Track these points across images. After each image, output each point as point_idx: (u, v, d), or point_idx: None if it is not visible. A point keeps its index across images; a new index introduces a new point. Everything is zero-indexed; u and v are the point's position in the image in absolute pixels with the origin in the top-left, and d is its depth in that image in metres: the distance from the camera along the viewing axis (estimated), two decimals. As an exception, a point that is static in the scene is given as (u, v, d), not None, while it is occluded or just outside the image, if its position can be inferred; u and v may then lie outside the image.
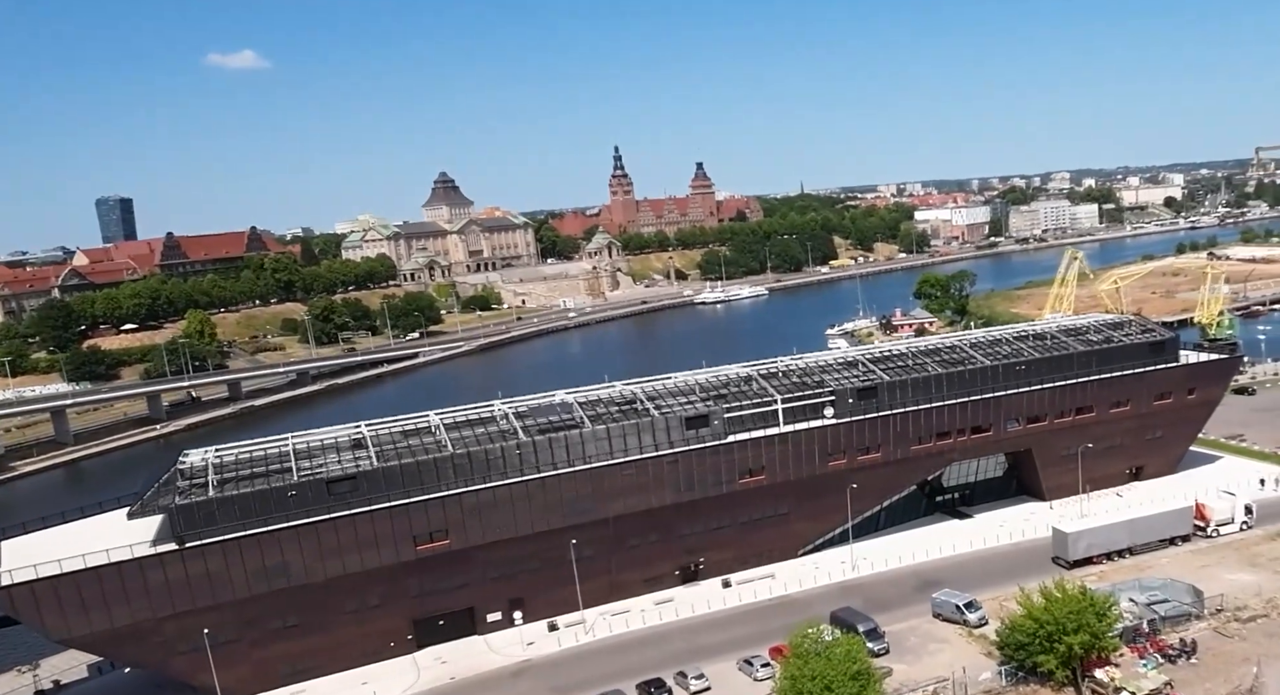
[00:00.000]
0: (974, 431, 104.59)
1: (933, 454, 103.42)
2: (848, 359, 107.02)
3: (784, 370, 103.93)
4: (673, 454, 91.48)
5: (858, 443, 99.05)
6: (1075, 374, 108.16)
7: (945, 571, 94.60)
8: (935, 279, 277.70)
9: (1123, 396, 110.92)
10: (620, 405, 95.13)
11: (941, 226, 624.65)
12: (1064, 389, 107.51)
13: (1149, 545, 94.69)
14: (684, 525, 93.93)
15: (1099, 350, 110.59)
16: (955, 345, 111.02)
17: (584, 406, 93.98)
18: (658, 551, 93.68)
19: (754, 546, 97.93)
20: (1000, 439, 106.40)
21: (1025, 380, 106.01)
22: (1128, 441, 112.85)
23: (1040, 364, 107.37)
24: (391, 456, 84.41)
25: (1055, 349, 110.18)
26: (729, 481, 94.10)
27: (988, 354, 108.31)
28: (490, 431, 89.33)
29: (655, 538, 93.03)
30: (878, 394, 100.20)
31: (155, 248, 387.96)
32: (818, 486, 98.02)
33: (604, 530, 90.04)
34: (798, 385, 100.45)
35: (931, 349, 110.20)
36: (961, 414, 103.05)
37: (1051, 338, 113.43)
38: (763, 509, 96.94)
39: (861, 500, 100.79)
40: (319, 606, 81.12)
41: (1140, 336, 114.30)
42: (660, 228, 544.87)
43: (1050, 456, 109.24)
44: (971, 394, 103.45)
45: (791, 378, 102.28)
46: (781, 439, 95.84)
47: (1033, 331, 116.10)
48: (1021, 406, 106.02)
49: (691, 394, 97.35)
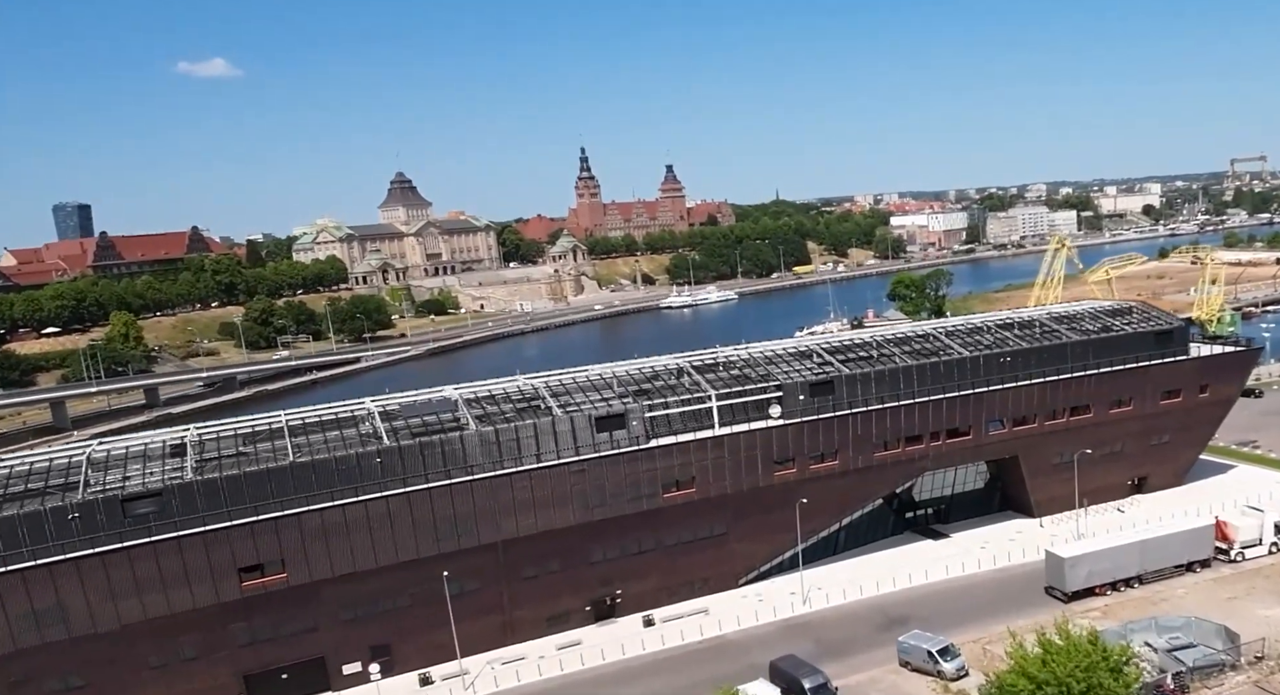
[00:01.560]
0: (950, 435, 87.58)
1: (901, 461, 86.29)
2: (800, 349, 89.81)
3: (724, 361, 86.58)
4: (579, 462, 73.90)
5: (810, 448, 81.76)
6: (1069, 367, 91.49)
7: (916, 605, 77.39)
8: (910, 279, 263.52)
9: (1124, 394, 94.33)
10: (518, 403, 77.44)
11: (918, 232, 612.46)
12: (1056, 385, 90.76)
13: (1162, 572, 77.88)
14: (595, 550, 76.29)
15: (1096, 340, 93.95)
16: (929, 333, 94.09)
17: (471, 405, 76.24)
18: (563, 583, 75.91)
19: (683, 575, 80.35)
20: (981, 444, 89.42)
21: (1011, 375, 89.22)
22: (1130, 447, 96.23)
23: (1028, 355, 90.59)
24: (213, 467, 66.29)
25: (1046, 338, 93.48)
26: (651, 495, 76.55)
27: (966, 343, 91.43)
28: (348, 435, 71.37)
29: (559, 566, 75.30)
30: (834, 389, 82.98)
31: (89, 248, 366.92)
32: (761, 501, 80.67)
33: (491, 558, 72.25)
34: (738, 379, 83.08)
35: (900, 338, 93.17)
36: (935, 414, 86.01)
37: (1041, 326, 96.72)
38: (694, 529, 79.43)
39: (815, 518, 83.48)
40: (112, 661, 62.81)
41: (1144, 325, 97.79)
42: (628, 232, 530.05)
43: (1040, 465, 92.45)
44: (948, 390, 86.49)
45: (731, 370, 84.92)
46: (716, 443, 78.41)
47: (1019, 319, 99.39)
48: (1006, 405, 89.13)
49: (607, 389, 79.75)
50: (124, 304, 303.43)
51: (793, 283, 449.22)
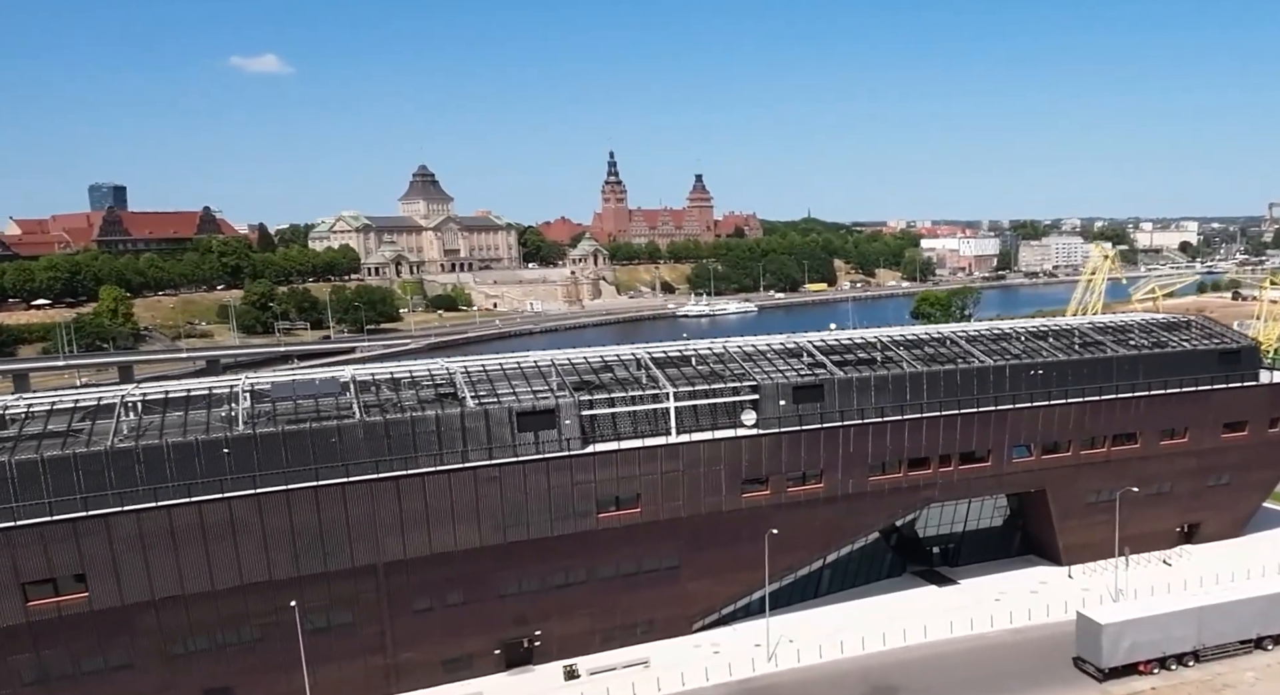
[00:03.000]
0: (965, 460, 71.85)
1: (902, 489, 70.64)
2: (788, 346, 74.32)
3: (693, 355, 71.27)
4: (492, 467, 58.89)
5: (789, 466, 66.34)
6: (1114, 387, 75.42)
7: (910, 671, 61.84)
8: (935, 296, 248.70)
9: (1179, 423, 78.11)
10: (424, 389, 62.64)
11: (948, 256, 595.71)
12: (1097, 407, 74.79)
13: (1225, 648, 61.75)
14: (508, 579, 61.24)
15: (1148, 356, 77.84)
16: (946, 337, 78.34)
17: (365, 389, 61.51)
18: (465, 620, 60.86)
19: (621, 616, 65.08)
20: (1002, 473, 73.55)
21: (1042, 391, 73.45)
22: (1182, 487, 79.95)
23: (1065, 369, 74.70)
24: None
25: (1087, 351, 77.47)
26: (584, 514, 61.40)
27: (991, 351, 75.62)
28: (196, 419, 56.71)
29: (460, 598, 60.31)
30: (824, 396, 67.53)
31: (95, 222, 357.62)
32: (724, 528, 65.37)
33: (370, 584, 57.37)
34: (706, 376, 67.77)
35: (911, 339, 77.51)
36: (948, 433, 70.33)
37: (1081, 336, 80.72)
38: (637, 559, 64.23)
39: (792, 552, 68.05)
40: None
41: (1206, 342, 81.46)
42: (653, 239, 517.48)
43: (1072, 503, 76.45)
44: (964, 405, 70.80)
45: (701, 366, 69.60)
46: (670, 453, 63.17)
47: (1055, 327, 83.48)
48: (1035, 428, 73.28)
49: (540, 379, 64.70)
50: (123, 280, 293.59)
51: (814, 299, 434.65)
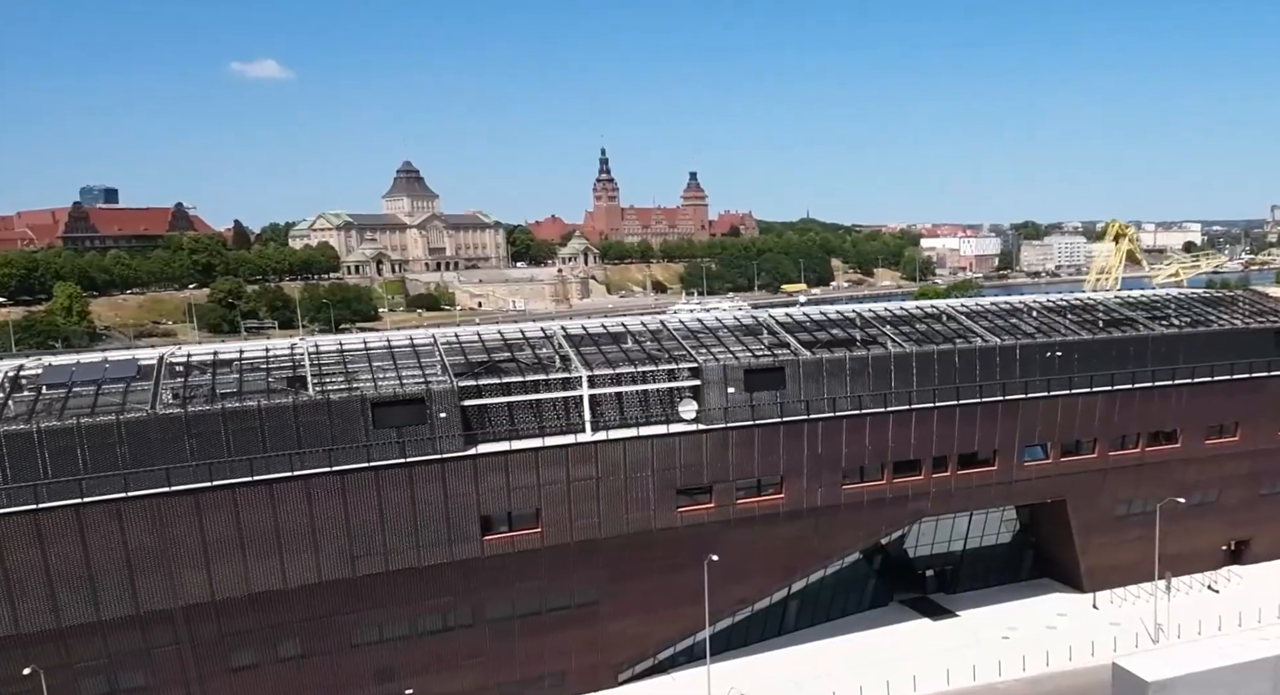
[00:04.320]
0: (964, 463, 57.33)
1: (886, 501, 56.08)
2: (744, 321, 59.81)
3: (622, 332, 56.70)
4: (333, 475, 44.28)
5: (740, 470, 51.81)
6: (1149, 373, 60.81)
7: (891, 739, 47.04)
8: (934, 292, 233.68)
9: (1228, 417, 63.65)
10: (256, 374, 48.11)
11: (949, 255, 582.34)
12: (1128, 398, 60.26)
13: (1307, 710, 46.79)
14: (364, 624, 46.80)
15: (1189, 335, 63.33)
16: (943, 312, 63.82)
17: (177, 372, 46.99)
18: (307, 678, 46.37)
19: (521, 667, 50.50)
20: (1011, 480, 58.98)
21: (1062, 378, 58.80)
22: (1230, 497, 65.45)
23: (1089, 351, 60.16)
24: None
25: (1115, 328, 62.90)
26: (464, 538, 46.91)
27: (998, 328, 61.08)
28: (-74, 407, 42.18)
29: (298, 650, 45.80)
30: (785, 381, 52.97)
31: (61, 218, 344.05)
32: (657, 553, 50.90)
33: (165, 635, 42.85)
34: (635, 356, 53.15)
35: (899, 315, 62.97)
36: (943, 429, 55.80)
37: (1107, 312, 66.22)
38: (540, 594, 49.71)
39: (745, 580, 53.56)
40: None
41: (1258, 319, 66.87)
42: (645, 238, 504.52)
43: (1098, 516, 61.98)
44: (964, 394, 56.27)
45: (629, 343, 55.00)
46: (583, 455, 48.62)
47: (1076, 301, 68.90)
48: (1052, 423, 58.73)
49: (414, 360, 50.17)
50: (87, 278, 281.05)
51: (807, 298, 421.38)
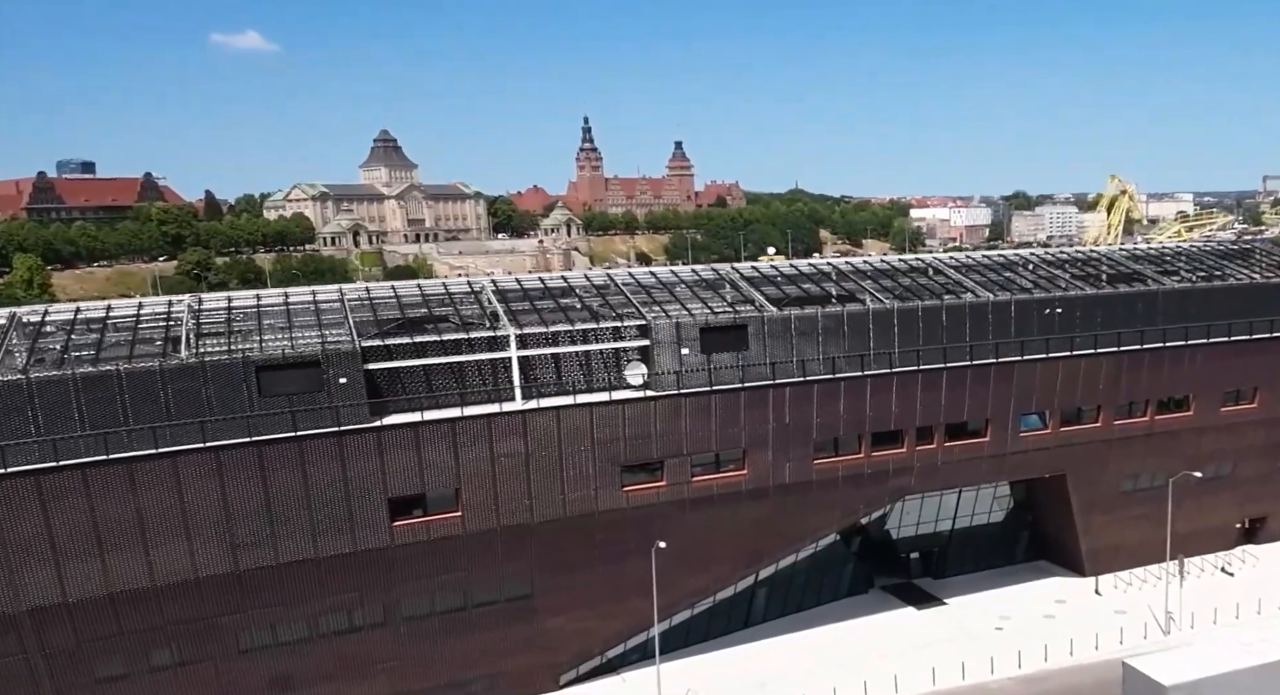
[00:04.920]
0: (953, 434, 50.71)
1: (864, 477, 49.43)
2: (705, 276, 52.84)
3: (562, 287, 49.70)
4: (207, 452, 37.30)
5: (696, 443, 45.06)
6: (1159, 332, 54.13)
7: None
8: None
9: (1246, 381, 57.22)
10: (126, 334, 41.02)
11: (939, 226, 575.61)
12: (1136, 360, 53.62)
13: (1347, 717, 40.42)
14: (253, 626, 40.00)
15: (1204, 290, 56.69)
16: (929, 265, 57.08)
17: (27, 332, 39.89)
18: (186, 688, 39.48)
19: (444, 671, 43.93)
20: (1005, 452, 52.34)
21: (1062, 337, 52.11)
22: (1247, 470, 59.07)
23: (1091, 307, 53.50)
24: None
25: (1121, 283, 56.18)
26: (370, 522, 40.02)
27: (991, 283, 54.30)
28: None
29: (174, 658, 39.08)
30: (748, 341, 46.14)
31: (25, 189, 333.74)
32: (601, 538, 44.14)
33: (10, 643, 35.90)
34: (574, 314, 46.15)
35: (881, 268, 56.15)
36: (929, 395, 49.10)
37: (1112, 265, 59.56)
38: (464, 587, 43.11)
39: (703, 568, 47.00)
40: None
41: (1276, 274, 60.20)
42: (630, 209, 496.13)
43: (1101, 492, 55.51)
44: (952, 356, 49.50)
45: (568, 298, 48.01)
46: (511, 426, 41.75)
47: (1077, 254, 62.24)
48: (1051, 388, 52.07)
49: (311, 316, 43.17)
50: (52, 251, 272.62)
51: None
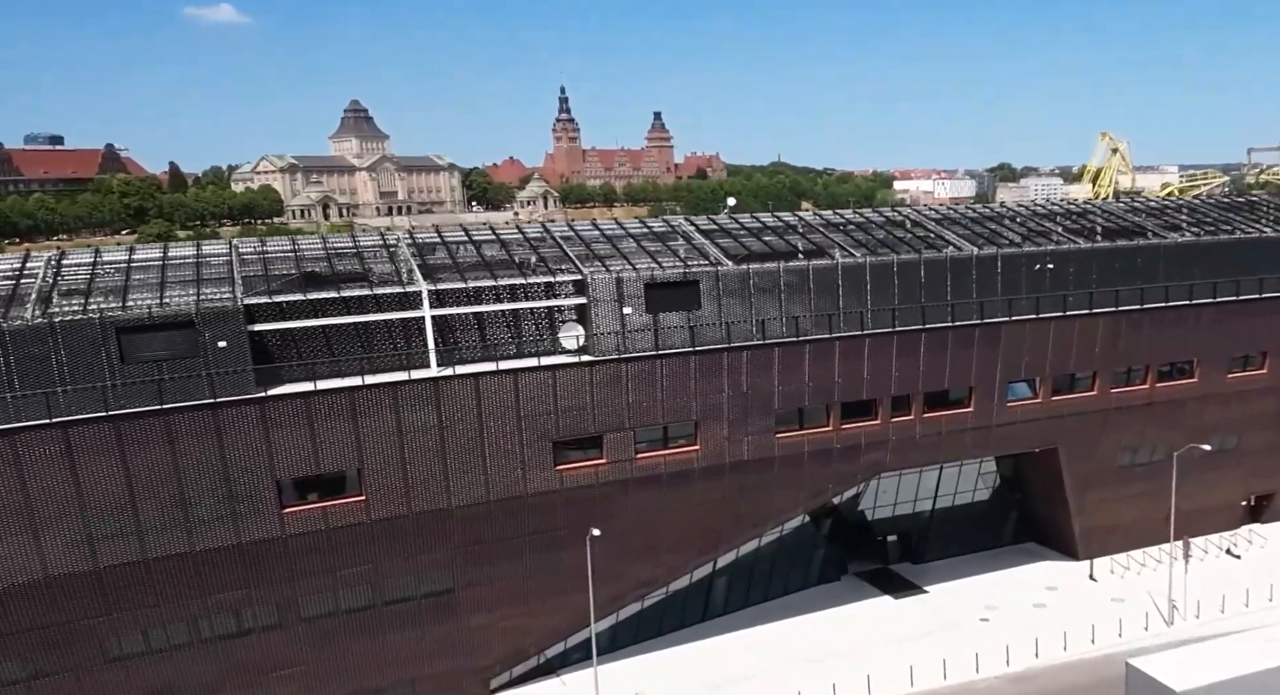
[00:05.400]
0: (933, 404, 45.33)
1: (834, 452, 43.98)
2: (654, 228, 47.09)
3: (493, 239, 43.81)
4: (56, 428, 31.35)
5: (640, 415, 39.46)
6: (1160, 291, 48.80)
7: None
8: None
9: (1254, 345, 52.07)
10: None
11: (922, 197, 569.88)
12: (1135, 321, 48.34)
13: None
14: (121, 631, 34.19)
15: (1209, 245, 51.33)
16: (906, 217, 51.51)
17: None
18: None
19: (355, 677, 38.46)
20: (990, 424, 46.99)
21: (1053, 295, 46.71)
22: (1254, 442, 54.00)
23: (1086, 262, 48.11)
24: None
25: (1118, 237, 50.71)
26: (254, 511, 34.24)
27: (974, 236, 48.68)
28: None
29: (27, 670, 33.40)
30: (700, 298, 40.47)
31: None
32: (532, 524, 38.48)
33: None
34: (499, 268, 40.27)
35: (854, 221, 50.47)
36: (905, 360, 43.62)
37: (1108, 218, 54.16)
38: (375, 581, 37.44)
39: (650, 557, 41.50)
40: None
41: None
42: (608, 181, 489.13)
43: (1096, 466, 50.38)
44: (931, 316, 43.98)
45: (494, 251, 42.13)
46: (420, 397, 35.95)
47: (1071, 207, 56.78)
48: (1042, 352, 46.71)
49: (190, 271, 37.25)
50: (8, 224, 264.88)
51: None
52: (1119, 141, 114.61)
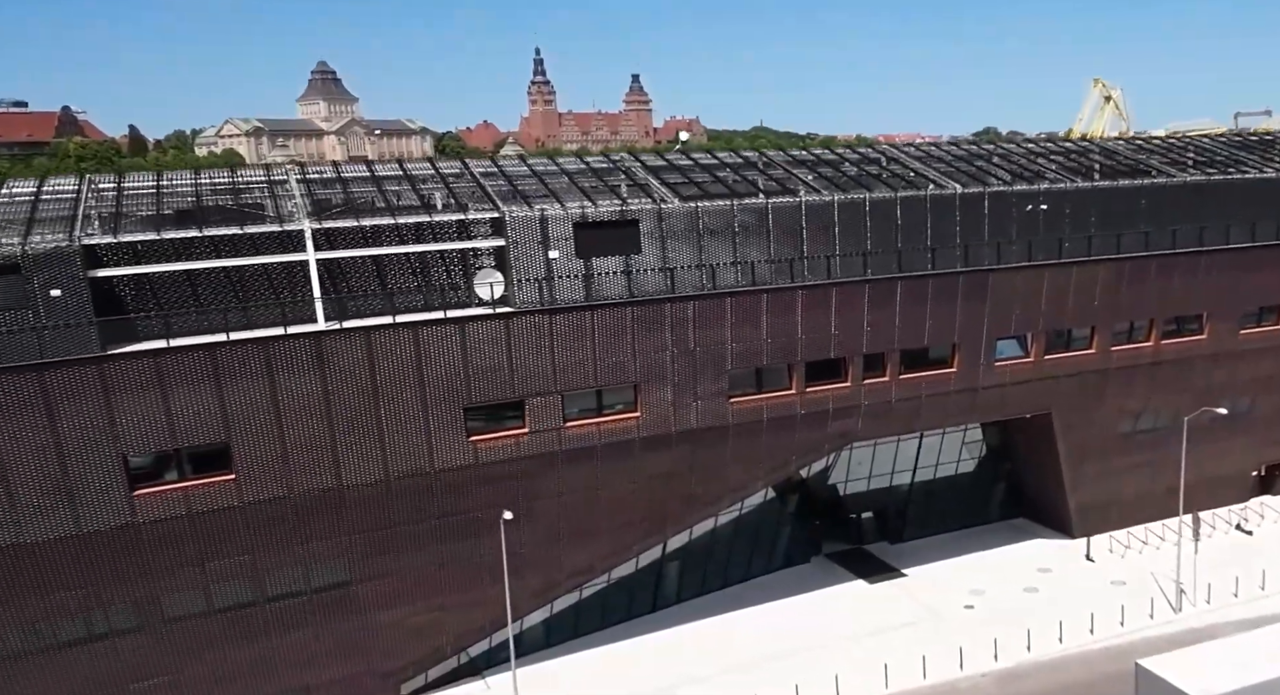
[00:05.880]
0: (911, 364, 39.77)
1: (798, 419, 38.30)
2: (594, 164, 41.06)
3: (401, 175, 37.62)
4: None
5: (570, 377, 33.59)
6: (1167, 235, 43.31)
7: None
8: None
9: (1271, 297, 46.66)
10: None
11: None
12: (1140, 269, 42.87)
13: None
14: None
15: (1220, 185, 45.71)
16: (882, 154, 45.58)
17: None
18: None
19: (237, 685, 32.50)
20: (976, 386, 41.44)
21: (1047, 238, 41.10)
22: (1268, 405, 48.85)
23: (1084, 203, 42.47)
24: None
25: (1121, 176, 44.98)
26: (97, 496, 28.21)
27: (958, 173, 42.85)
28: None
29: None
30: (640, 241, 34.53)
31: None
32: (440, 505, 32.72)
33: None
34: (403, 203, 34.13)
35: (823, 158, 44.54)
36: (878, 313, 37.94)
37: (1107, 154, 48.45)
38: (256, 576, 31.50)
39: (585, 541, 35.92)
40: None
41: (1305, 165, 49.37)
42: (585, 145, 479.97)
43: (1094, 434, 45.09)
44: (908, 262, 38.29)
45: (407, 187, 35.99)
46: (299, 356, 29.86)
47: (1068, 145, 51.05)
48: (1034, 305, 41.21)
49: (24, 209, 31.02)
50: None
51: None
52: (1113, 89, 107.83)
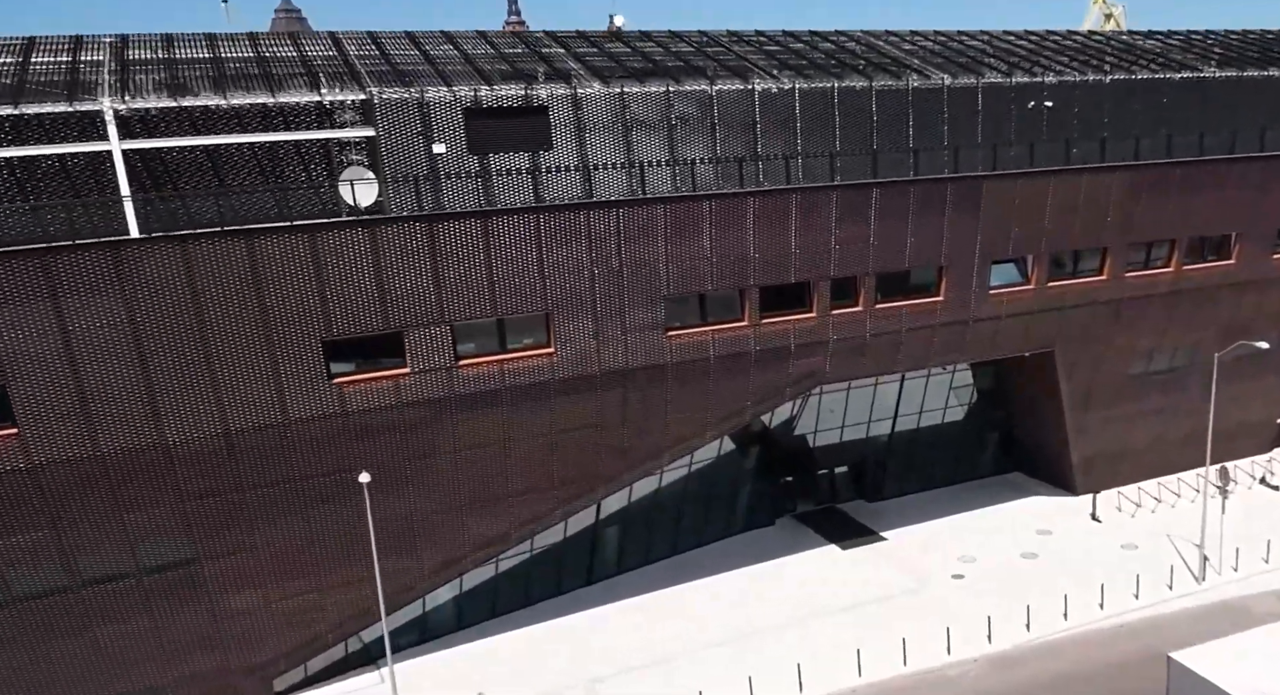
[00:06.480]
0: (889, 292, 33.03)
1: (751, 357, 31.63)
2: (495, 41, 33.80)
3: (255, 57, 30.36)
4: None
5: (463, 304, 26.77)
6: (1194, 140, 36.52)
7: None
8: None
9: (1309, 215, 40.00)
10: None
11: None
12: (1159, 179, 36.04)
13: None
14: None
15: (1256, 81, 38.87)
16: (859, 36, 38.47)
17: None
18: None
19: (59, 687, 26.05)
20: (967, 318, 34.81)
21: (1050, 142, 34.26)
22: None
23: (1095, 99, 35.56)
24: None
25: (1138, 69, 38.08)
26: None
27: (953, 65, 35.84)
28: None
29: None
30: (549, 132, 27.52)
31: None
32: (301, 464, 26.05)
33: None
34: (241, 82, 26.99)
35: (794, 48, 37.34)
36: (850, 229, 31.11)
37: (1122, 46, 41.54)
38: (65, 555, 24.80)
39: (491, 507, 29.34)
40: None
41: (1348, 63, 42.53)
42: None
43: (1103, 375, 38.72)
44: (885, 166, 31.37)
45: (253, 67, 28.80)
46: (95, 274, 22.94)
47: (1079, 39, 44.05)
48: (1036, 221, 34.39)
49: None
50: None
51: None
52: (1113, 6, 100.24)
